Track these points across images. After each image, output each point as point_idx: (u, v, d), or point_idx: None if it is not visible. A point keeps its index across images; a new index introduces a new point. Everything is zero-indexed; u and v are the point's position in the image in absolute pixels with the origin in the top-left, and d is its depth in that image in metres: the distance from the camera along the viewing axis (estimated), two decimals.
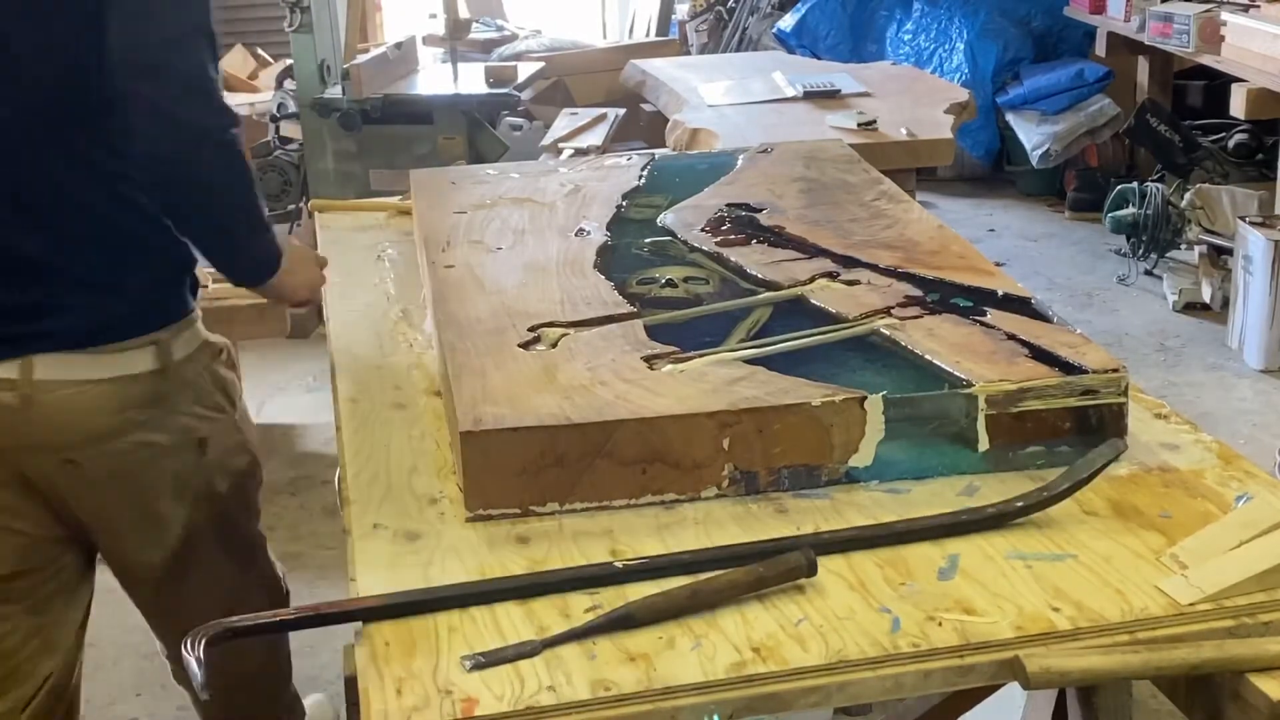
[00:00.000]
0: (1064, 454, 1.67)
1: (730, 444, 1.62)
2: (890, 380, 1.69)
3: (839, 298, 1.97)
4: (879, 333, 1.84)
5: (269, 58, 6.38)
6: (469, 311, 1.96)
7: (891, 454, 1.66)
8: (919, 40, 6.48)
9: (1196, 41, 4.99)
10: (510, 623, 1.40)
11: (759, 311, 1.95)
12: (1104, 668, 1.34)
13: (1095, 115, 5.99)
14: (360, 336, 2.17)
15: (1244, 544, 1.46)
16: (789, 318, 1.92)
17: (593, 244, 2.22)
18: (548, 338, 1.86)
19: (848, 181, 2.53)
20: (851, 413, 1.64)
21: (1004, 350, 1.76)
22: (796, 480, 1.65)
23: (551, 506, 1.61)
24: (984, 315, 1.88)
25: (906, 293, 1.97)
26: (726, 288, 2.05)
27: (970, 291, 1.97)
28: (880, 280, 2.02)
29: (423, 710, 1.27)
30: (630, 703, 1.29)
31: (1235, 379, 4.38)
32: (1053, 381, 1.67)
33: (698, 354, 1.78)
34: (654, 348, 1.81)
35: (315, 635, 2.68)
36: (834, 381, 1.68)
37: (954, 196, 6.36)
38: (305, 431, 4.19)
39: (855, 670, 1.33)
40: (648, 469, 1.62)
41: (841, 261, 2.10)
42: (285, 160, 5.13)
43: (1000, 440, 1.67)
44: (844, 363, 1.75)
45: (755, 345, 1.82)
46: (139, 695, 2.92)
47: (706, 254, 2.18)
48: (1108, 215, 5.27)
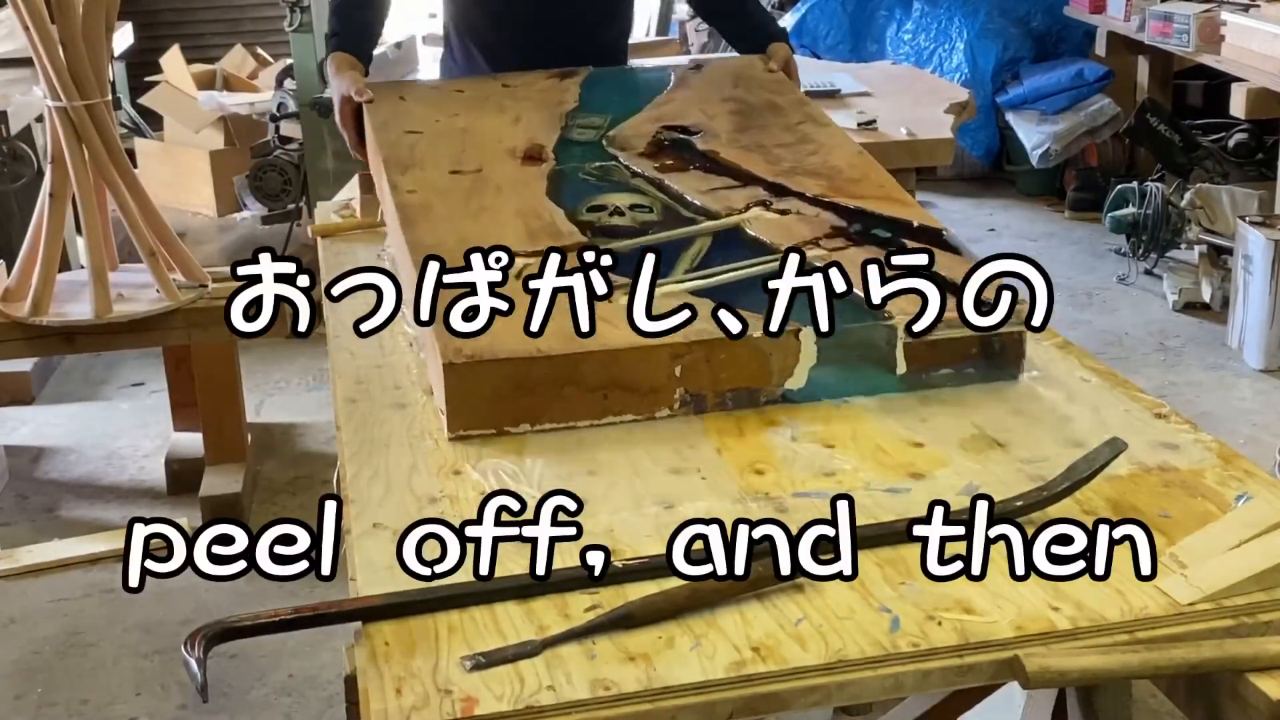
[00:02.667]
0: (970, 375, 1.90)
1: (682, 371, 1.83)
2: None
3: (772, 227, 2.13)
4: (811, 265, 1.95)
5: (269, 58, 6.38)
6: (434, 238, 2.08)
7: (822, 377, 1.86)
8: (919, 40, 6.48)
9: (1196, 41, 4.99)
10: (510, 622, 1.40)
11: (700, 241, 2.11)
12: (1103, 667, 1.34)
13: (1095, 115, 5.99)
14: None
15: (1244, 544, 1.46)
16: (728, 248, 2.09)
17: (543, 171, 2.36)
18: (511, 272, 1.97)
19: (775, 103, 2.66)
20: (788, 343, 1.84)
21: None
22: (739, 401, 1.85)
23: (524, 427, 1.79)
24: (903, 250, 2.03)
25: (832, 223, 2.14)
26: (669, 215, 2.21)
27: (889, 222, 2.14)
28: (808, 210, 2.19)
29: (422, 710, 1.27)
30: (630, 702, 1.29)
31: (1235, 379, 4.39)
32: (958, 328, 1.87)
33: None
34: (609, 279, 1.93)
35: (315, 635, 2.69)
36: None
37: (954, 196, 6.36)
38: (305, 431, 4.19)
39: (855, 670, 1.33)
40: (609, 394, 1.81)
41: (772, 189, 2.26)
42: (285, 160, 5.13)
43: (915, 364, 1.88)
44: None
45: (700, 276, 1.99)
46: (139, 695, 2.92)
47: (648, 180, 2.33)
48: (1108, 215, 5.27)
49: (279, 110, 5.12)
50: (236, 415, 3.77)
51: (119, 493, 3.85)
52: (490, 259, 1.94)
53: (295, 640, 2.93)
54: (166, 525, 1.66)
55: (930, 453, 1.74)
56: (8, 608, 3.25)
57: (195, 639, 1.37)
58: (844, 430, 1.80)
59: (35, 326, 3.45)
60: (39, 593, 3.31)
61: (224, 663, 2.92)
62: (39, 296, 3.45)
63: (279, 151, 5.16)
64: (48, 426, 4.28)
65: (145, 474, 3.93)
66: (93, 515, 3.72)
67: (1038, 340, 2.07)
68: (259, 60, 6.38)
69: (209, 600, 3.14)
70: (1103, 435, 1.69)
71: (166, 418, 4.02)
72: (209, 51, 6.71)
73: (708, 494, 1.65)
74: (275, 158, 5.15)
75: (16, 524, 3.68)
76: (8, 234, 4.54)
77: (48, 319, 3.45)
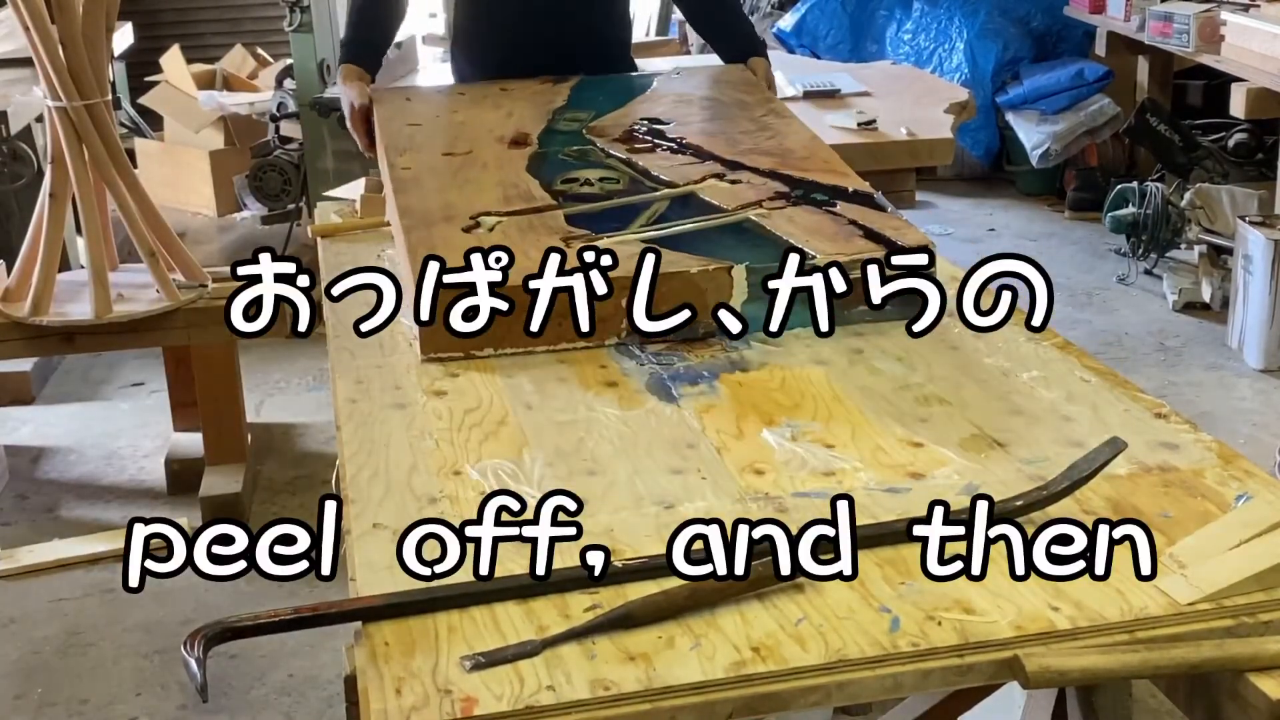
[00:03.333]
0: (886, 312, 2.07)
1: (627, 303, 2.01)
2: (755, 255, 2.10)
3: (723, 194, 2.38)
4: (750, 220, 2.26)
5: (269, 58, 6.38)
6: (422, 204, 2.35)
7: (753, 311, 2.05)
8: (919, 40, 6.47)
9: (1196, 41, 4.99)
10: (510, 622, 1.40)
11: (657, 204, 2.36)
12: (1103, 667, 1.34)
13: (1095, 115, 5.99)
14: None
15: (1244, 544, 1.46)
16: (682, 209, 2.33)
17: (526, 153, 2.60)
18: (485, 224, 2.27)
19: (744, 101, 2.90)
20: (721, 279, 2.07)
21: (845, 232, 2.20)
22: (680, 335, 2.05)
23: (488, 351, 2.04)
24: (834, 206, 2.31)
25: (777, 189, 2.39)
26: (634, 185, 2.46)
27: (827, 189, 2.39)
28: (757, 180, 2.44)
29: (422, 710, 1.27)
30: (630, 702, 1.29)
31: (1235, 379, 4.39)
32: (878, 255, 2.09)
33: (605, 236, 2.19)
34: (571, 233, 2.21)
35: (315, 635, 2.69)
36: (712, 255, 2.11)
37: (954, 196, 6.36)
38: (305, 431, 4.19)
39: (855, 670, 1.33)
40: (563, 323, 2.00)
41: (728, 165, 2.51)
42: (285, 160, 5.13)
43: (836, 301, 2.03)
44: (721, 243, 2.17)
45: (653, 229, 2.23)
46: (139, 695, 2.92)
47: (620, 160, 2.57)
48: (1108, 215, 5.27)
49: (279, 110, 5.12)
50: (236, 415, 3.77)
51: (119, 493, 3.85)
52: (490, 259, 1.97)
53: (295, 640, 2.93)
54: (166, 525, 1.67)
55: (930, 453, 1.74)
56: (8, 608, 3.25)
57: (195, 639, 1.37)
58: (844, 430, 1.80)
59: (35, 326, 3.45)
60: (39, 593, 3.31)
61: (224, 663, 2.92)
62: (39, 296, 3.45)
63: (279, 151, 5.16)
64: (48, 426, 4.28)
65: (145, 474, 3.93)
66: (93, 515, 3.72)
67: (1038, 340, 2.07)
68: (259, 60, 6.38)
69: (209, 600, 3.14)
70: (1103, 435, 1.69)
71: (166, 418, 4.02)
72: (209, 51, 6.71)
73: (708, 494, 1.65)
74: (275, 158, 5.15)
75: (16, 524, 3.68)
76: (8, 234, 4.54)
77: (48, 319, 3.45)
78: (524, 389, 1.95)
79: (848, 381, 1.95)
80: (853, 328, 2.10)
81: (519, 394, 1.94)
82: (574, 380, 1.98)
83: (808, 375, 1.97)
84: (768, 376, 1.97)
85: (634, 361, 2.03)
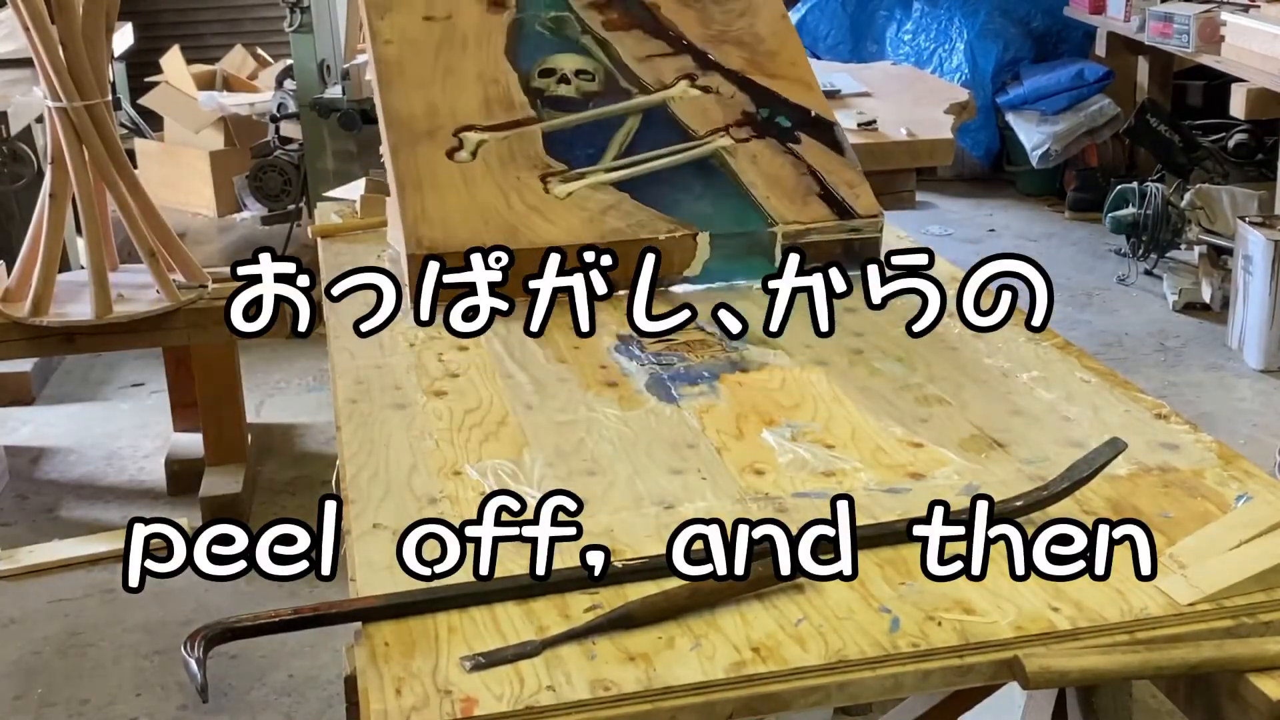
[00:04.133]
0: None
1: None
2: (719, 211, 2.35)
3: (693, 109, 2.53)
4: (718, 153, 2.45)
5: (269, 58, 6.38)
6: (406, 106, 2.45)
7: (714, 267, 2.32)
8: (919, 40, 6.48)
9: (1196, 41, 4.99)
10: (510, 623, 1.40)
11: (631, 121, 2.51)
12: (1103, 667, 1.34)
13: (1095, 115, 5.99)
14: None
15: (1244, 544, 1.46)
16: (654, 129, 2.50)
17: (504, 21, 2.65)
18: (468, 144, 2.40)
19: None
20: (687, 243, 2.31)
21: (803, 186, 2.41)
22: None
23: None
24: (798, 143, 2.49)
25: (744, 108, 2.54)
26: (610, 85, 2.57)
27: (792, 109, 2.55)
28: (726, 89, 2.57)
29: (422, 710, 1.27)
30: (630, 702, 1.29)
31: (1235, 379, 4.39)
32: (831, 223, 2.37)
33: (580, 172, 2.39)
34: (549, 165, 2.39)
35: (315, 635, 2.69)
36: (678, 210, 2.34)
37: (954, 196, 6.36)
38: (305, 431, 4.20)
39: (855, 670, 1.33)
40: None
41: (699, 57, 2.63)
42: (285, 160, 5.13)
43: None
44: (689, 188, 2.38)
45: (624, 166, 2.41)
46: (139, 695, 2.92)
47: (595, 39, 2.65)
48: (1108, 215, 5.27)
49: (279, 110, 5.12)
50: (236, 415, 3.77)
51: (119, 493, 3.85)
52: (490, 259, 1.99)
53: (295, 640, 2.93)
54: (167, 525, 1.67)
55: (930, 453, 1.74)
56: (8, 608, 3.25)
57: (195, 639, 1.37)
58: (844, 430, 1.80)
59: (35, 327, 3.45)
60: (39, 593, 3.31)
61: (224, 663, 2.92)
62: (39, 297, 3.45)
63: (279, 152, 5.16)
64: (48, 427, 4.28)
65: (145, 474, 3.93)
66: (93, 515, 3.72)
67: (1038, 341, 2.07)
68: (259, 60, 6.38)
69: (209, 600, 3.14)
70: (1103, 435, 1.69)
71: (166, 418, 4.02)
72: (209, 52, 6.71)
73: (708, 494, 1.65)
74: (275, 158, 5.15)
75: (16, 524, 3.68)
76: (8, 234, 4.53)
77: (48, 319, 3.45)
78: (524, 389, 1.95)
79: (848, 381, 1.95)
80: (852, 328, 2.11)
81: (519, 394, 1.94)
82: (574, 380, 1.98)
83: (808, 375, 1.97)
84: (768, 376, 1.97)
85: (634, 361, 2.03)
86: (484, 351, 2.09)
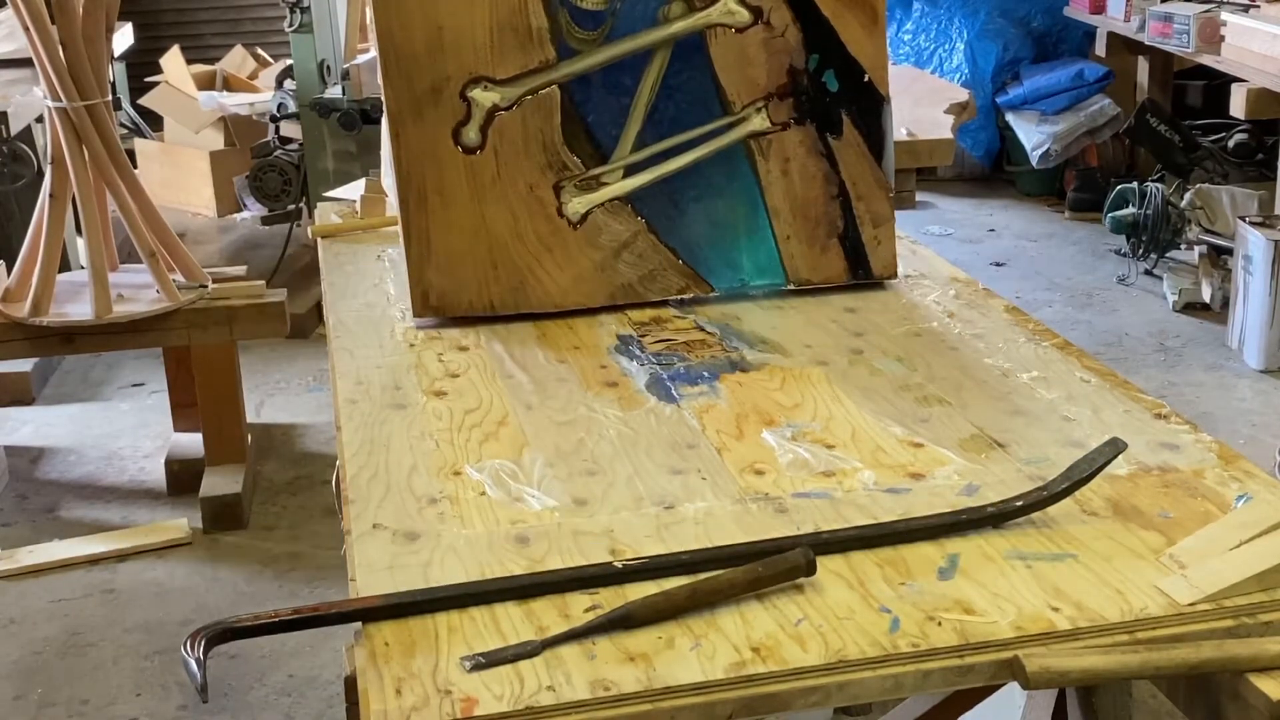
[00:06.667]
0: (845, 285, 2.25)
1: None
2: (736, 255, 2.26)
3: (732, 51, 2.24)
4: (748, 148, 2.25)
5: (269, 58, 6.38)
6: (403, 31, 2.16)
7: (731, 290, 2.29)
8: (919, 40, 6.48)
9: (1196, 41, 4.99)
10: (510, 623, 1.40)
11: (660, 57, 2.23)
12: (1103, 667, 1.34)
13: (1095, 115, 5.99)
14: (360, 336, 2.17)
15: (1244, 544, 1.46)
16: (685, 75, 2.24)
17: None
18: (477, 110, 2.17)
19: None
20: (703, 288, 2.27)
21: (825, 225, 2.27)
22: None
23: None
24: (838, 133, 2.27)
25: (791, 58, 2.25)
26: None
27: (845, 63, 2.27)
28: (778, 18, 2.25)
29: (422, 710, 1.27)
30: (630, 703, 1.29)
31: (1235, 379, 4.39)
32: (843, 281, 2.29)
33: (595, 176, 2.22)
34: (564, 162, 2.20)
35: (315, 635, 2.69)
36: (696, 251, 2.24)
37: (954, 196, 6.36)
38: (305, 431, 4.19)
39: (855, 670, 1.33)
40: None
41: None
42: (285, 160, 5.13)
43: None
44: (709, 212, 2.25)
45: (643, 164, 2.23)
46: (139, 695, 2.92)
47: None
48: (1108, 215, 5.27)
49: (279, 110, 5.12)
50: (236, 416, 3.77)
51: (119, 493, 3.85)
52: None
53: (295, 640, 2.93)
54: None
55: (930, 453, 1.74)
56: (8, 608, 3.25)
57: (195, 639, 1.37)
58: (844, 430, 1.80)
59: (35, 327, 3.45)
60: (39, 593, 3.31)
61: (224, 663, 2.92)
62: (39, 297, 3.45)
63: (279, 152, 5.16)
64: (48, 427, 4.28)
65: (145, 474, 3.93)
66: (93, 516, 3.72)
67: (1038, 341, 2.07)
68: (259, 60, 6.38)
69: (209, 600, 3.14)
70: (1103, 435, 1.69)
71: (166, 418, 4.02)
72: (209, 51, 6.71)
73: (708, 494, 1.65)
74: (275, 158, 5.15)
75: (16, 524, 3.68)
76: (8, 234, 4.54)
77: (48, 319, 3.45)
78: (524, 389, 1.95)
79: (848, 381, 1.95)
80: (852, 328, 2.10)
81: (519, 394, 1.94)
82: (574, 380, 1.98)
83: (808, 375, 1.97)
84: (768, 376, 1.97)
85: (634, 361, 2.03)
86: (484, 352, 2.09)
